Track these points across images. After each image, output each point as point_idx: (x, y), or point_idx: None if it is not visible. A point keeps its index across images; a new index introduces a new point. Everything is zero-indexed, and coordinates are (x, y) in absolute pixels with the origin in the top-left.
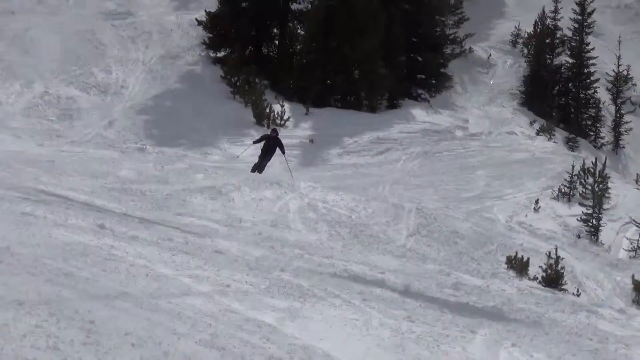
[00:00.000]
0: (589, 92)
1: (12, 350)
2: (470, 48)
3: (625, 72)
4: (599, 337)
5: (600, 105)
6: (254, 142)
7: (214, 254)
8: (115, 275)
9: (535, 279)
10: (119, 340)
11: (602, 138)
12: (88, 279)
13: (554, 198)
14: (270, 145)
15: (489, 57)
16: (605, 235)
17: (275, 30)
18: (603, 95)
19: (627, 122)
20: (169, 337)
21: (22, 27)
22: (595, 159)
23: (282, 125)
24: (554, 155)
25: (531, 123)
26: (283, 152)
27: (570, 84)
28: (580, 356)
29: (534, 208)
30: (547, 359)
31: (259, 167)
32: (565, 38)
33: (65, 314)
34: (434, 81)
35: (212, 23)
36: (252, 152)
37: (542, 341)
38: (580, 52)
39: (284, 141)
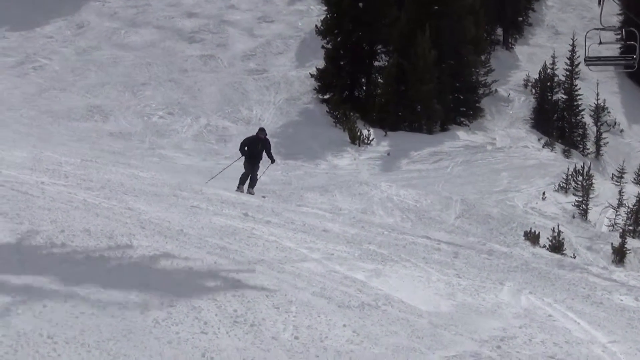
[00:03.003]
0: (578, 117)
1: (183, 298)
2: (495, 89)
3: (602, 104)
4: (589, 287)
5: (586, 127)
6: (242, 153)
7: (323, 232)
8: (255, 247)
9: (544, 246)
10: (257, 293)
11: (588, 149)
12: (236, 251)
13: (556, 190)
14: (259, 150)
15: (508, 95)
16: (591, 215)
17: (363, 79)
18: (587, 119)
19: (604, 138)
20: (292, 290)
21: (193, 81)
22: (583, 163)
23: (368, 144)
24: (555, 161)
25: (539, 140)
26: (271, 159)
27: (564, 113)
28: (577, 300)
29: (542, 197)
30: (554, 302)
31: (250, 180)
32: (561, 82)
33: (220, 276)
34: (471, 112)
35: (321, 76)
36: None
37: (550, 290)
38: (571, 91)
39: (366, 155)
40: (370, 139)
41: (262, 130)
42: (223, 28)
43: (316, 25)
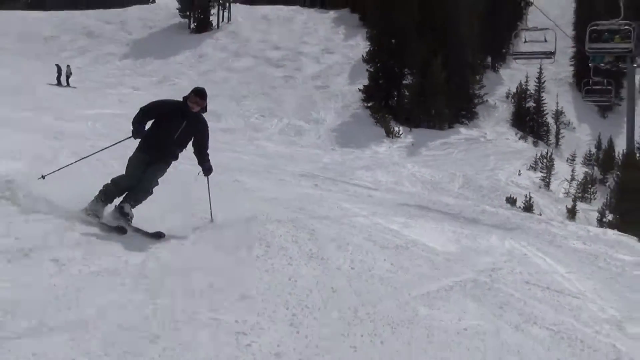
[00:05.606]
0: (543, 119)
1: (275, 241)
2: (486, 99)
3: (560, 109)
4: (551, 235)
5: (549, 125)
6: (136, 133)
7: (368, 197)
8: (322, 208)
9: (519, 207)
10: (325, 239)
11: (550, 141)
12: (311, 210)
13: (528, 169)
14: (177, 137)
15: (495, 104)
16: (552, 186)
17: (395, 92)
18: (550, 120)
19: (562, 133)
20: (349, 236)
21: (278, 94)
22: (547, 150)
23: (398, 137)
24: (527, 149)
25: (516, 134)
26: (205, 164)
27: (534, 115)
28: (543, 244)
29: (518, 174)
30: (528, 245)
31: (134, 190)
32: (531, 94)
33: (300, 226)
34: (469, 115)
35: (366, 90)
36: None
37: (524, 237)
38: (538, 100)
39: (397, 144)
40: (400, 133)
41: (198, 92)
42: (298, 57)
43: (362, 56)
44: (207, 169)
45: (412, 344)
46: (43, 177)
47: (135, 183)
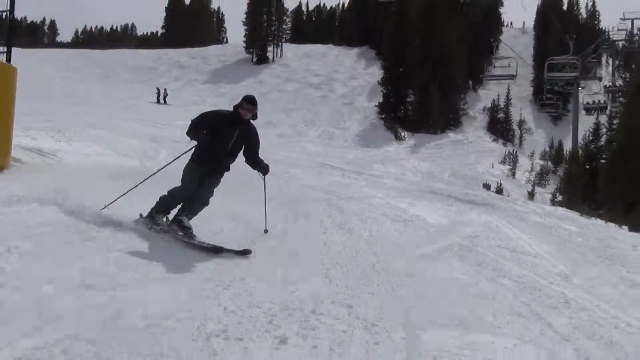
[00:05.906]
0: (510, 126)
1: (314, 215)
2: (468, 112)
3: (523, 119)
4: (516, 211)
5: (514, 131)
6: (193, 137)
7: (382, 184)
8: (349, 191)
9: (493, 191)
10: (351, 212)
11: (515, 142)
12: (340, 192)
13: (499, 163)
14: (231, 148)
15: (474, 115)
16: (517, 175)
17: (402, 107)
18: (515, 127)
19: (524, 137)
20: (368, 212)
21: (316, 108)
22: (513, 149)
23: (404, 140)
24: (499, 148)
25: (490, 137)
26: (261, 167)
27: (504, 124)
28: (510, 217)
29: (492, 167)
30: (499, 219)
31: (190, 203)
32: (501, 108)
33: (332, 204)
34: (456, 123)
35: (380, 105)
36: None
37: (497, 212)
38: (507, 112)
39: (403, 145)
40: (405, 137)
41: (249, 100)
42: (331, 81)
43: (378, 80)
44: (264, 168)
45: (415, 291)
46: (106, 206)
47: (191, 195)
